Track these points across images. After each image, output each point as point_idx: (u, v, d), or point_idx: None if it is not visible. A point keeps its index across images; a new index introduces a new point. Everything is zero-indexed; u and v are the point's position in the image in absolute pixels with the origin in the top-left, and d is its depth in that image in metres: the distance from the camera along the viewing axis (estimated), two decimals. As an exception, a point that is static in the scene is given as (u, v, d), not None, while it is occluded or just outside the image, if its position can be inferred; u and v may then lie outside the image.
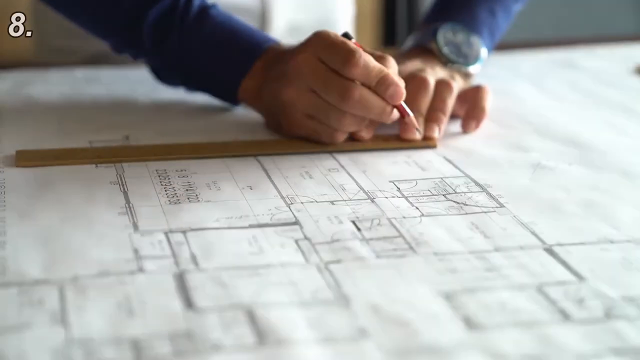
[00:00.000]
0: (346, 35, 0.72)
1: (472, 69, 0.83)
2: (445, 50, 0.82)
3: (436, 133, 0.76)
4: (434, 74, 0.80)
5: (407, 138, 0.75)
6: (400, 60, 0.80)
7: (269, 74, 0.76)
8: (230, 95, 0.80)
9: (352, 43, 0.71)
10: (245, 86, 0.78)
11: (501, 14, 0.87)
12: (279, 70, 0.74)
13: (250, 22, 1.03)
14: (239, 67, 0.78)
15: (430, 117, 0.77)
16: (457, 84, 0.80)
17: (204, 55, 0.79)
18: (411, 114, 0.73)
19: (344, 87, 0.69)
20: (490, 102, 0.80)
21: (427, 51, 0.83)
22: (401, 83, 0.70)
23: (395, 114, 0.72)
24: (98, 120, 0.80)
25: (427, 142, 0.75)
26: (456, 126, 0.80)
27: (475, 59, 0.84)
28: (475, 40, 0.84)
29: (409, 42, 0.87)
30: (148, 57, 0.81)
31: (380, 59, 0.71)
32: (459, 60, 0.82)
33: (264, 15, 1.02)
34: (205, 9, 0.79)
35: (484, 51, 0.84)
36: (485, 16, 0.86)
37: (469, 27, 0.85)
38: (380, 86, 0.69)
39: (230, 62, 0.78)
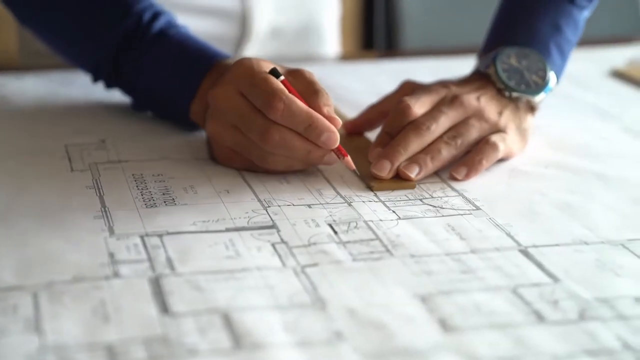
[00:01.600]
0: (274, 72, 0.66)
1: (537, 98, 0.75)
2: (504, 76, 0.74)
3: (414, 173, 0.68)
4: (472, 103, 0.72)
5: (376, 175, 0.67)
6: (453, 86, 0.74)
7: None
8: (186, 120, 0.75)
9: (275, 81, 0.65)
10: (194, 109, 0.73)
11: (569, 27, 0.79)
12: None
13: (230, 25, 1.02)
14: (186, 91, 0.74)
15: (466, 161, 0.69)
16: (505, 145, 0.72)
17: (155, 82, 0.76)
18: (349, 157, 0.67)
19: (263, 127, 0.64)
20: (492, 162, 0.71)
21: (484, 77, 0.75)
22: (337, 122, 0.65)
23: (332, 156, 0.66)
24: (73, 123, 0.80)
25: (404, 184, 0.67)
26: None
27: (541, 87, 0.75)
28: (544, 65, 0.76)
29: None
30: (115, 85, 0.79)
31: (313, 95, 0.66)
32: (519, 88, 0.74)
33: (244, 19, 1.01)
34: (163, 32, 0.76)
35: (552, 77, 0.76)
36: (550, 33, 0.78)
37: (535, 49, 0.77)
38: (310, 132, 0.64)
39: (177, 87, 0.74)
